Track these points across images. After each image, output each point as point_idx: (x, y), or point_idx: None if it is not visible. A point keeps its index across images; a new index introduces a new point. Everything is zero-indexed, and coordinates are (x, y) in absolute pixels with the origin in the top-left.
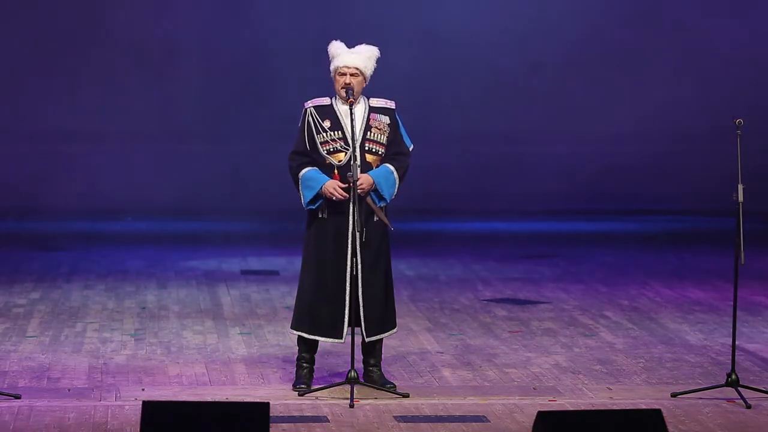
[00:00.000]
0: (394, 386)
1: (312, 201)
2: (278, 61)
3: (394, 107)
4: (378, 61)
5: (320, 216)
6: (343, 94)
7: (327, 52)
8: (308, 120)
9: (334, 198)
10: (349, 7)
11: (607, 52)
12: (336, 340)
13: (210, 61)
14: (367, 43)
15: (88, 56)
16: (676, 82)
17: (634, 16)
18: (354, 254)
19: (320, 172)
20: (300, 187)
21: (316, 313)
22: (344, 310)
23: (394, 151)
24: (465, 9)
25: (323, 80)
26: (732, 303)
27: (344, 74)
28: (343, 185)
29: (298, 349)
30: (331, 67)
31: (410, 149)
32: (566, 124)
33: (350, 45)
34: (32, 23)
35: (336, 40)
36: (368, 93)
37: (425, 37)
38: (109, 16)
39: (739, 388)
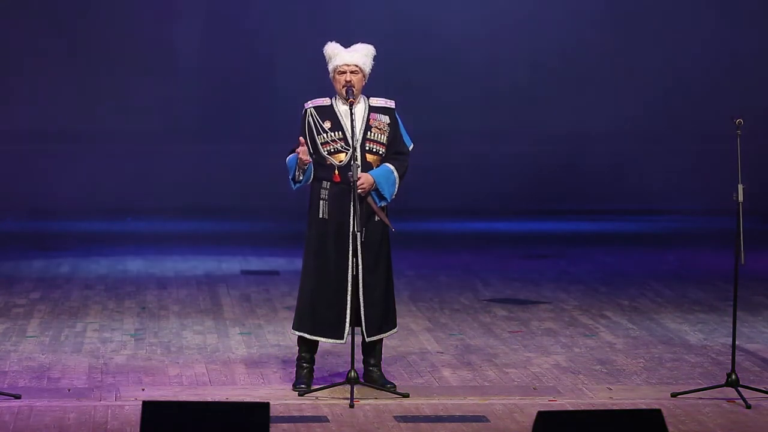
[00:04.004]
0: (394, 386)
1: (294, 179)
2: (278, 61)
3: (394, 107)
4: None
5: (321, 216)
6: (344, 94)
7: (323, 53)
8: (308, 120)
9: (303, 159)
10: (343, 7)
11: (606, 50)
12: (337, 341)
13: (210, 60)
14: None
15: (89, 56)
16: (674, 81)
17: (615, 15)
18: (354, 254)
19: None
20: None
21: (317, 314)
22: (345, 310)
23: (394, 151)
24: (442, 7)
25: (322, 80)
26: (732, 303)
27: (344, 72)
28: (303, 147)
29: (298, 349)
30: (330, 68)
31: (410, 149)
32: (565, 123)
33: (345, 45)
34: (32, 22)
35: (332, 41)
36: (368, 92)
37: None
38: (110, 16)
39: (739, 388)
